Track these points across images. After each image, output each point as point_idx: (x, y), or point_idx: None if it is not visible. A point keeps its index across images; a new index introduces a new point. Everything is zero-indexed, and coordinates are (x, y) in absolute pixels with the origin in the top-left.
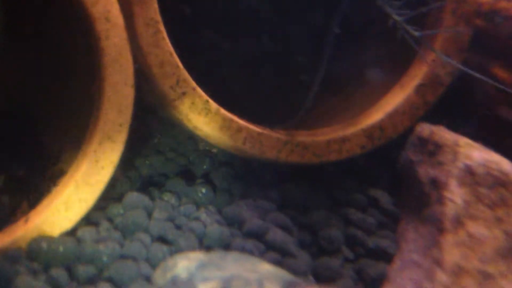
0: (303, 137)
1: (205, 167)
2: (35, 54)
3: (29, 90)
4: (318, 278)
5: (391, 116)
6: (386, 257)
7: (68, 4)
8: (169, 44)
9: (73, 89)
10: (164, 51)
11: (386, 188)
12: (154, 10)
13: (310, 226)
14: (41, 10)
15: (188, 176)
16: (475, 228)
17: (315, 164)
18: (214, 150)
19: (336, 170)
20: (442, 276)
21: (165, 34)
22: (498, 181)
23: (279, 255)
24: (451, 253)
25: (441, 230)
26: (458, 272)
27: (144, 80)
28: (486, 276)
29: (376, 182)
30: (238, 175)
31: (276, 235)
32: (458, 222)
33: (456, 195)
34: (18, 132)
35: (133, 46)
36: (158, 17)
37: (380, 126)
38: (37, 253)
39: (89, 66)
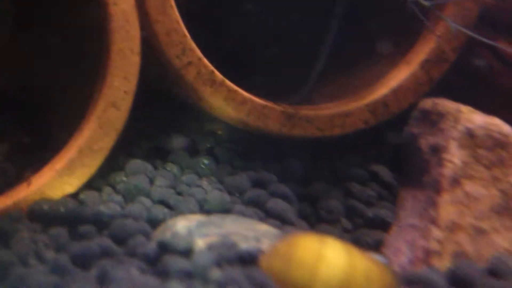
0: (307, 111)
1: (208, 145)
2: (45, 25)
3: (39, 63)
4: None
5: (396, 91)
6: (385, 226)
7: None
8: (177, 13)
9: (82, 59)
10: (171, 19)
11: (388, 163)
12: None
13: (310, 197)
14: None
15: (192, 150)
16: (472, 187)
17: (319, 138)
18: (219, 132)
19: (339, 146)
20: (436, 232)
21: (173, 2)
22: (498, 143)
23: (278, 222)
24: (447, 211)
25: (438, 191)
26: (453, 228)
27: (150, 48)
28: (480, 232)
29: (378, 157)
30: (241, 151)
31: (277, 203)
32: (456, 181)
33: (455, 157)
34: (26, 102)
35: (140, 13)
36: None
37: (384, 102)
38: (39, 214)
39: (97, 33)
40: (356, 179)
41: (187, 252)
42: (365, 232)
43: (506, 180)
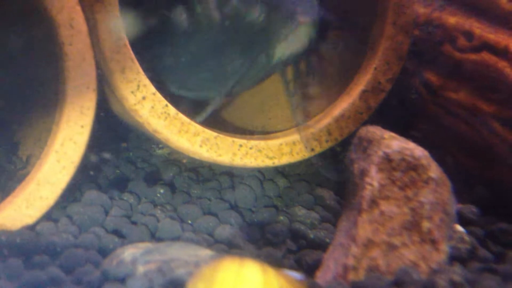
0: (257, 140)
1: (171, 174)
2: (4, 62)
3: (4, 98)
4: None
5: (338, 120)
6: (324, 246)
7: (35, 11)
8: (131, 51)
9: (43, 95)
10: (126, 57)
11: (334, 187)
12: (116, 18)
13: (259, 223)
14: (9, 19)
15: (150, 180)
16: (387, 206)
17: (269, 166)
18: (184, 160)
19: (289, 173)
20: (354, 249)
21: (127, 41)
22: (410, 165)
23: (226, 247)
24: (364, 229)
25: (359, 211)
26: (368, 244)
27: (106, 84)
28: (391, 247)
29: (325, 182)
30: (200, 179)
31: (225, 230)
32: (374, 202)
33: (374, 180)
34: None
35: (96, 52)
36: (121, 25)
37: (328, 130)
38: None
39: (54, 71)
40: (302, 204)
41: (127, 279)
42: (307, 252)
43: (416, 199)
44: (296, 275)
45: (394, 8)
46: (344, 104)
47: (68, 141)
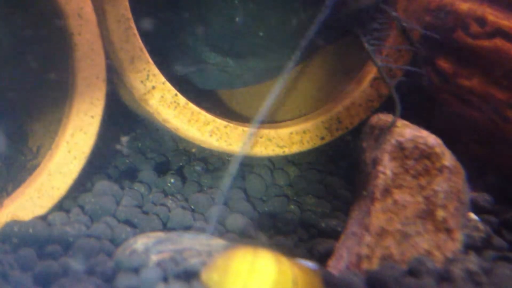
0: (267, 129)
1: (180, 164)
2: (16, 53)
3: (16, 90)
4: None
5: (348, 108)
6: (336, 235)
7: (44, 1)
8: (140, 40)
9: (53, 85)
10: (135, 46)
11: (344, 176)
12: (125, 7)
13: (270, 212)
14: (20, 9)
15: (160, 170)
16: (400, 195)
17: (279, 155)
18: (193, 150)
19: (299, 162)
20: (368, 238)
21: (135, 30)
22: (423, 154)
23: (237, 236)
24: (378, 218)
25: (372, 200)
26: (382, 233)
27: (115, 74)
28: (405, 236)
29: (335, 171)
30: (210, 169)
31: (236, 219)
32: (387, 191)
33: (387, 168)
34: (2, 127)
35: (105, 42)
36: (129, 14)
37: (338, 118)
38: (9, 235)
39: (64, 61)
40: (313, 193)
41: (140, 269)
42: (319, 241)
43: (430, 187)
44: (309, 264)
45: None
46: (355, 92)
47: (78, 131)
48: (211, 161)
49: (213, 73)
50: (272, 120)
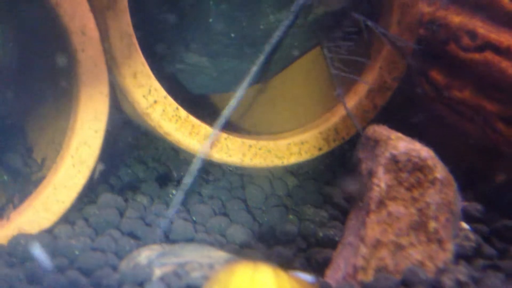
0: (266, 140)
1: (182, 173)
2: (19, 69)
3: (19, 103)
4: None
5: (345, 119)
6: (333, 244)
7: (48, 19)
8: (142, 56)
9: (57, 100)
10: (137, 62)
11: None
12: (127, 24)
13: (269, 222)
14: (24, 25)
15: (162, 181)
16: (394, 207)
17: (278, 166)
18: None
19: (297, 172)
20: (363, 250)
21: (137, 46)
22: (416, 166)
23: (237, 247)
24: (373, 230)
25: (367, 212)
26: (377, 245)
27: (118, 89)
28: (399, 247)
29: (332, 181)
30: (211, 179)
31: (236, 230)
32: (381, 203)
33: (381, 181)
34: (7, 139)
35: (108, 57)
36: (131, 30)
37: (335, 129)
38: (16, 248)
39: (68, 77)
40: (311, 202)
41: (144, 283)
42: (317, 250)
43: (423, 199)
44: (307, 277)
45: (399, 7)
46: (351, 102)
47: (83, 145)
48: (212, 171)
49: (192, 74)
50: (270, 131)
